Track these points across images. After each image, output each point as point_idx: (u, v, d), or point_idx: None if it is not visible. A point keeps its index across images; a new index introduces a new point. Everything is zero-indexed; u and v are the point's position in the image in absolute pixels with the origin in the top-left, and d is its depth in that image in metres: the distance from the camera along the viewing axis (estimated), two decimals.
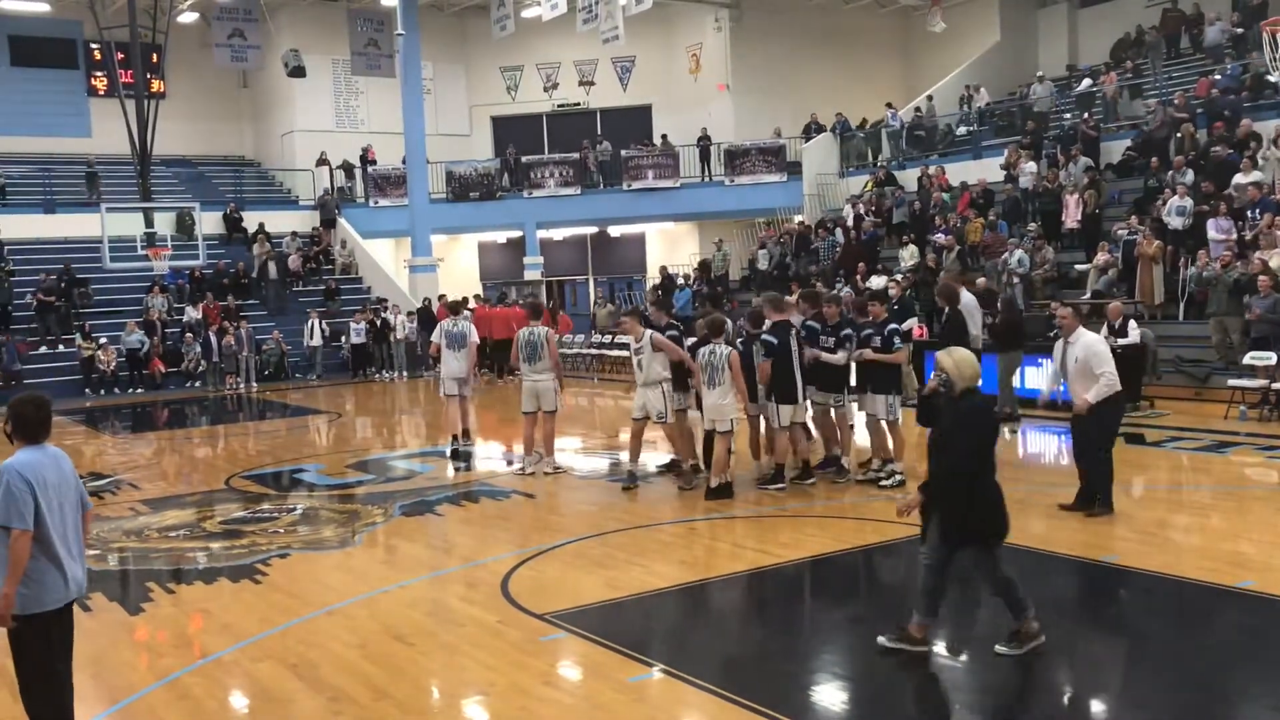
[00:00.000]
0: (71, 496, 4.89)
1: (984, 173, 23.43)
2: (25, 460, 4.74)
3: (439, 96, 32.06)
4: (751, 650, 6.63)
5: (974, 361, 6.02)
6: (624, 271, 33.51)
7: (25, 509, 4.60)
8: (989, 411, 6.12)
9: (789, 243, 25.47)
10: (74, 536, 4.87)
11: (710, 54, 31.34)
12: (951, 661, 6.30)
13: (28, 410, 4.85)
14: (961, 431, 5.86)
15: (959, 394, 5.92)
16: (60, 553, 4.74)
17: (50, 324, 23.93)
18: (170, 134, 27.59)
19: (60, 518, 4.78)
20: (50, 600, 4.74)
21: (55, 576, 4.73)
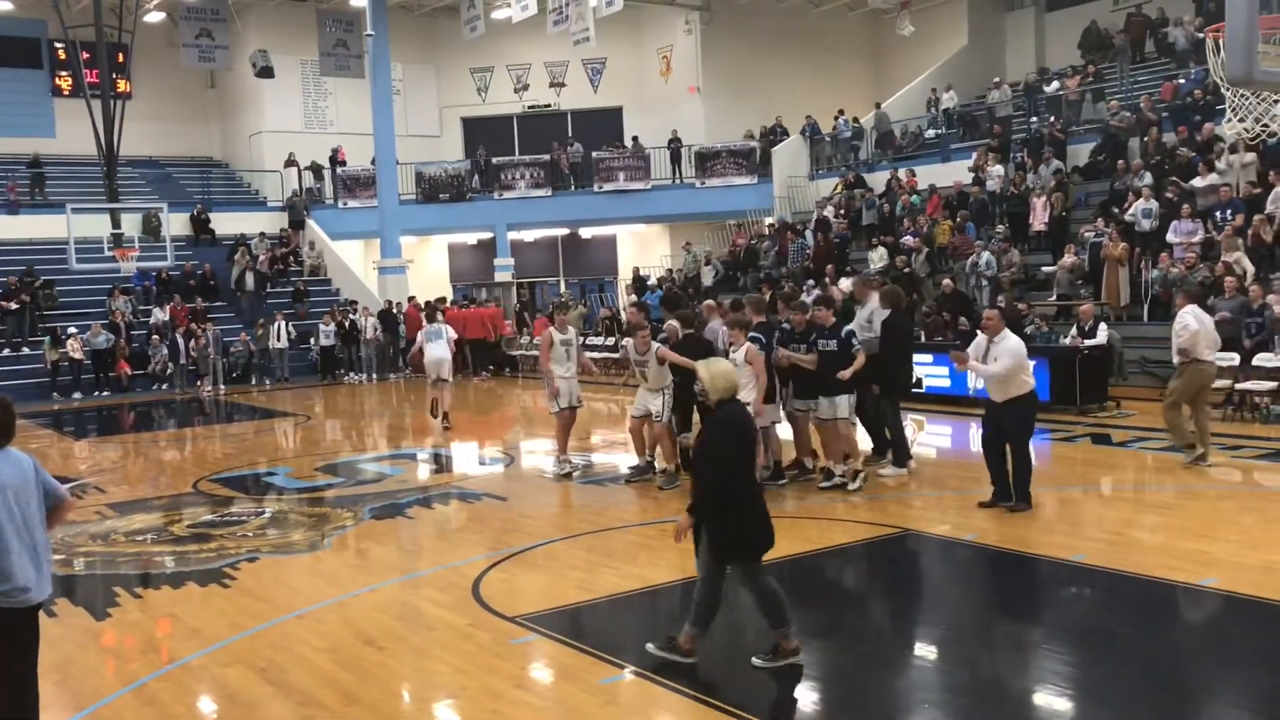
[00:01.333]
0: (33, 499, 4.82)
1: (953, 175, 23.61)
2: None
3: (409, 97, 31.95)
4: (722, 652, 6.65)
5: (729, 372, 5.98)
6: (595, 273, 33.52)
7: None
8: (742, 422, 5.97)
9: (738, 253, 25.61)
10: (37, 539, 4.81)
11: (681, 56, 31.41)
12: (923, 662, 6.35)
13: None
14: (718, 444, 5.82)
15: (714, 405, 5.91)
16: (15, 556, 4.67)
17: (15, 326, 23.65)
18: (137, 134, 27.36)
19: (19, 520, 4.71)
20: (2, 601, 4.67)
21: (13, 578, 4.66)
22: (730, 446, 5.79)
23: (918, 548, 8.70)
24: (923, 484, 10.21)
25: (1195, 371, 10.72)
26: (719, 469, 5.76)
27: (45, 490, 4.91)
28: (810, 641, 6.78)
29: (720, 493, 5.73)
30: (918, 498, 9.86)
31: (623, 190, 29.47)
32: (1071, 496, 10.10)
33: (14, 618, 4.70)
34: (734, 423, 5.88)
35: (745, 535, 5.84)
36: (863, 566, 8.49)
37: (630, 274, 28.00)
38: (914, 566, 8.54)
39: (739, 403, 6.06)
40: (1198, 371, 10.73)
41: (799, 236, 24.47)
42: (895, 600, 7.68)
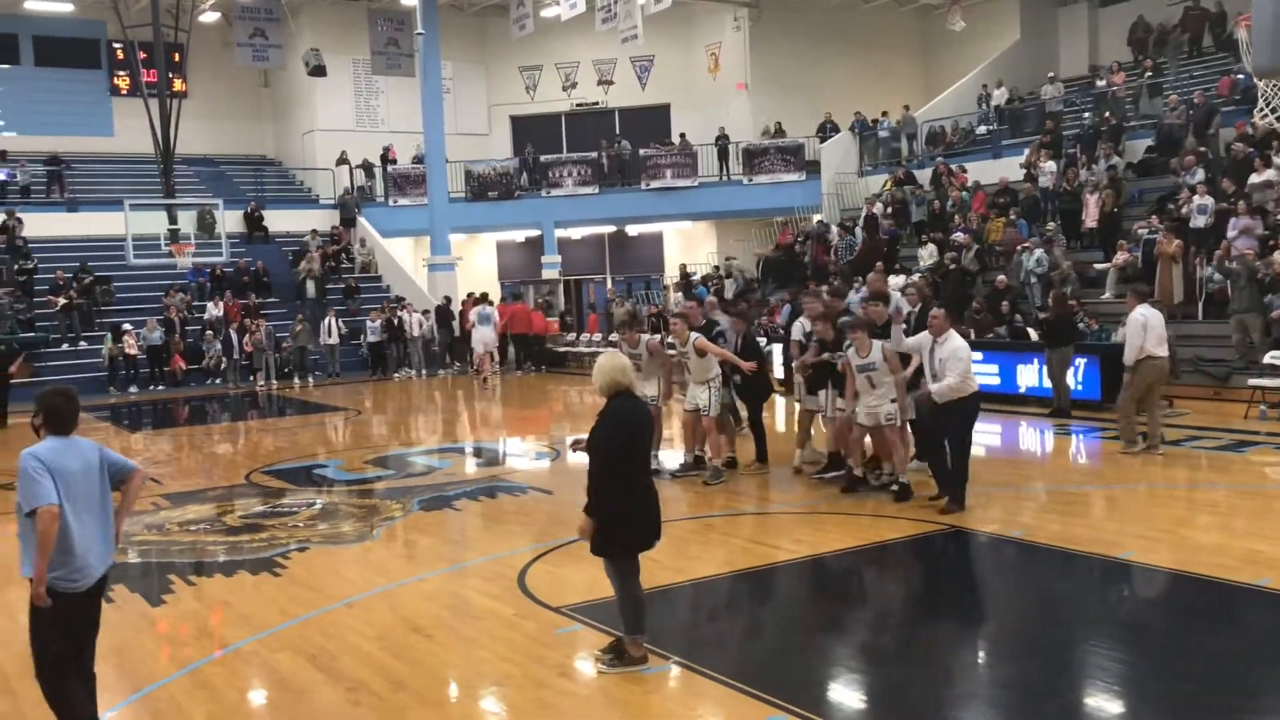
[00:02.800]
0: (95, 488, 4.91)
1: (1003, 172, 23.36)
2: (46, 448, 4.83)
3: (458, 96, 32.19)
4: (767, 644, 6.67)
5: (608, 368, 5.86)
6: (642, 270, 33.55)
7: (45, 489, 4.67)
8: (626, 415, 5.86)
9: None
10: (96, 526, 4.90)
11: (729, 53, 31.35)
12: (966, 658, 6.31)
13: (57, 402, 4.96)
14: (601, 436, 5.78)
15: (605, 399, 5.88)
16: (76, 541, 4.78)
17: (73, 322, 24.15)
18: (192, 133, 27.80)
19: (79, 506, 4.81)
20: (64, 584, 4.78)
21: (72, 562, 4.78)
22: (615, 437, 5.76)
23: (964, 544, 8.64)
24: (972, 481, 10.11)
25: (1148, 367, 11.47)
26: (602, 458, 5.75)
27: (113, 468, 5.02)
28: (854, 634, 6.78)
29: (601, 479, 5.72)
30: (969, 494, 9.78)
31: (670, 187, 29.48)
32: (1121, 495, 9.99)
33: (71, 601, 4.82)
34: (617, 416, 5.82)
35: (625, 528, 5.80)
36: (909, 562, 8.45)
37: (677, 271, 28.02)
38: (960, 563, 8.49)
39: (628, 396, 5.94)
40: (1150, 367, 11.48)
41: (848, 234, 24.34)
42: (940, 596, 7.65)
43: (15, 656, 6.60)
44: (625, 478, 5.80)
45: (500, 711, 5.63)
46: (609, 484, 5.74)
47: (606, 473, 5.74)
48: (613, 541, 5.83)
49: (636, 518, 5.84)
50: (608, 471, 5.75)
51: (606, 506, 5.74)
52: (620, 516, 5.78)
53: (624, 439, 5.81)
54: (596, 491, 5.76)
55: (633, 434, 5.86)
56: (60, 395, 5.01)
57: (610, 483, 5.74)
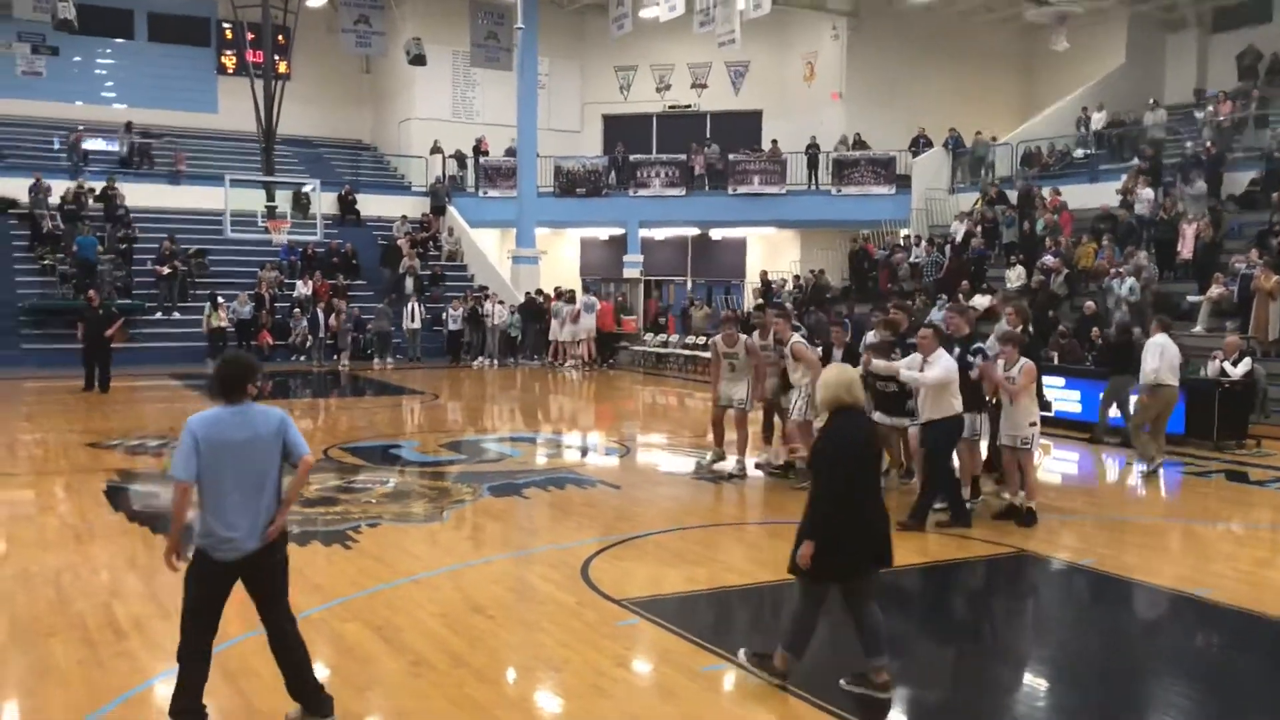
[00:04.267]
0: (257, 461, 4.89)
1: (1099, 196, 22.91)
2: (205, 417, 4.86)
3: (553, 92, 32.48)
4: (825, 650, 6.65)
5: (834, 383, 5.58)
6: (722, 275, 33.55)
7: (185, 462, 4.74)
8: (851, 433, 5.53)
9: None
10: (250, 499, 4.88)
11: (825, 62, 31.18)
12: (1023, 682, 6.24)
13: (225, 369, 5.00)
14: (823, 456, 5.51)
15: (828, 416, 5.63)
16: (226, 511, 4.82)
17: (170, 291, 24.86)
18: (292, 114, 28.43)
19: (233, 477, 4.82)
20: (213, 551, 4.85)
21: (219, 531, 4.82)
22: (839, 458, 5.46)
23: (1034, 569, 8.52)
24: (1047, 508, 9.97)
25: (1159, 392, 12.15)
26: (826, 477, 5.48)
27: (288, 446, 5.00)
28: (914, 651, 6.74)
29: (826, 500, 5.44)
30: (1040, 520, 9.64)
31: (757, 193, 29.41)
32: (1201, 531, 9.76)
33: (218, 568, 4.88)
34: (842, 435, 5.53)
35: (831, 556, 5.42)
36: (975, 583, 8.36)
37: (758, 277, 27.96)
38: (1028, 587, 8.37)
39: (855, 414, 5.66)
40: (1160, 392, 12.15)
41: (935, 249, 24.09)
42: (1003, 619, 7.56)
43: (98, 607, 6.86)
44: (847, 501, 5.41)
45: (556, 695, 5.70)
46: (829, 506, 5.39)
47: (828, 494, 5.41)
48: (822, 566, 5.43)
49: (853, 544, 5.46)
50: (829, 493, 5.41)
51: (824, 529, 5.38)
52: (836, 541, 5.39)
53: (848, 459, 5.45)
54: (816, 513, 5.43)
55: (857, 453, 5.50)
56: (234, 363, 5.06)
57: (831, 505, 5.39)
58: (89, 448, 12.90)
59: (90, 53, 31.02)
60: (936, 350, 9.09)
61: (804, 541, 5.44)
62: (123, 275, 24.83)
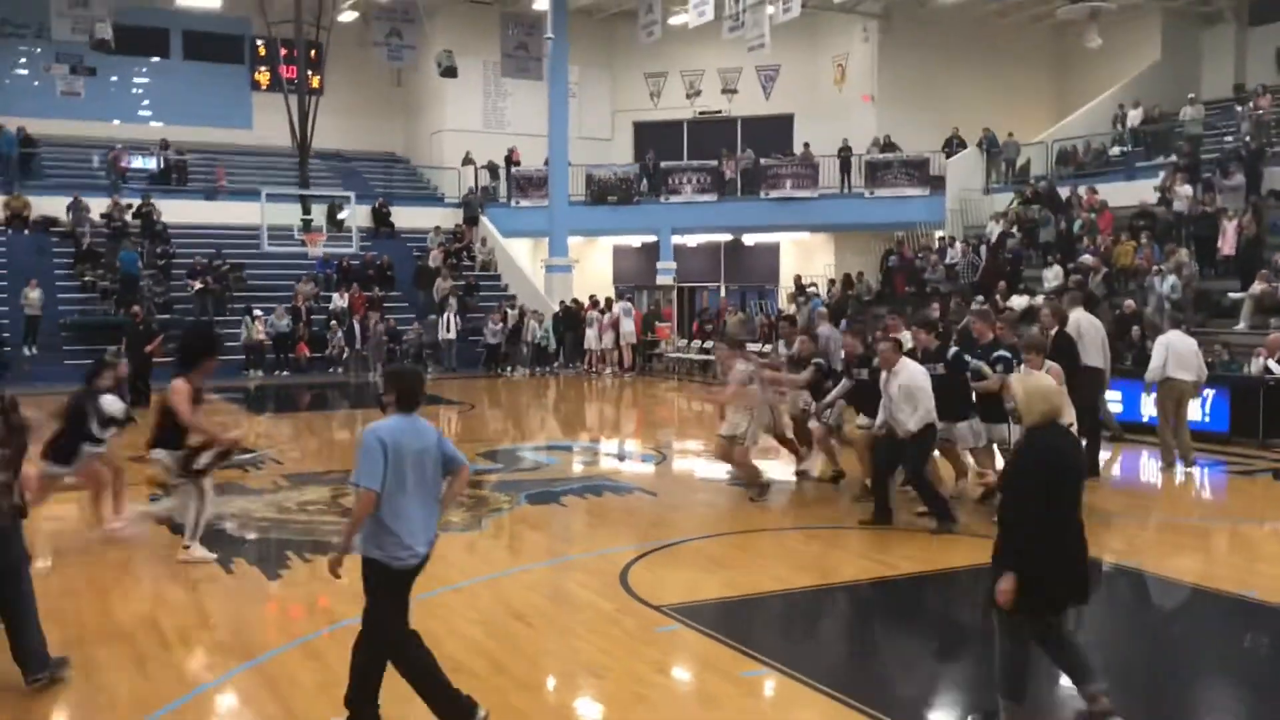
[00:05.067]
0: (428, 470, 5.04)
1: (1137, 194, 22.64)
2: (389, 426, 4.99)
3: (583, 100, 32.54)
4: (867, 656, 6.61)
5: (1038, 393, 5.03)
6: (756, 280, 33.46)
7: (373, 470, 4.84)
8: (1055, 448, 4.98)
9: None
10: (424, 507, 5.04)
11: (856, 64, 31.06)
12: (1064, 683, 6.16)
13: (407, 382, 5.16)
14: (1024, 475, 4.97)
15: (1027, 429, 5.09)
16: (407, 519, 4.95)
17: (206, 305, 25.13)
18: (325, 128, 28.61)
19: (411, 485, 4.96)
20: (394, 561, 4.96)
21: (394, 540, 4.94)
22: (1041, 475, 4.88)
23: None
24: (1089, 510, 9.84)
25: (1168, 387, 12.18)
26: (1026, 498, 4.87)
27: (446, 457, 5.15)
28: (959, 653, 6.67)
29: (1025, 524, 4.83)
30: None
31: (789, 198, 29.31)
32: (1247, 531, 9.60)
33: (399, 576, 5.03)
34: (1048, 451, 4.95)
35: (1038, 587, 4.84)
36: None
37: (792, 282, 27.85)
38: None
39: (1055, 427, 5.05)
40: (1170, 387, 12.17)
41: (972, 251, 23.90)
42: None
43: (143, 618, 6.93)
44: (1051, 525, 4.84)
45: (597, 702, 5.69)
46: (1032, 532, 4.82)
47: (1030, 519, 4.82)
48: (1029, 599, 4.86)
49: (1061, 572, 4.89)
50: (1031, 517, 4.82)
51: (1027, 558, 4.82)
52: (1041, 570, 4.83)
53: (1053, 479, 4.89)
54: (1017, 542, 4.85)
55: (1061, 472, 4.95)
56: (409, 376, 5.25)
57: (1033, 530, 4.82)
58: (131, 461, 13.04)
59: (127, 72, 31.45)
60: (899, 361, 9.08)
61: (1004, 575, 4.85)
62: (161, 291, 25.13)
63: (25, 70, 30.37)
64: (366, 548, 4.99)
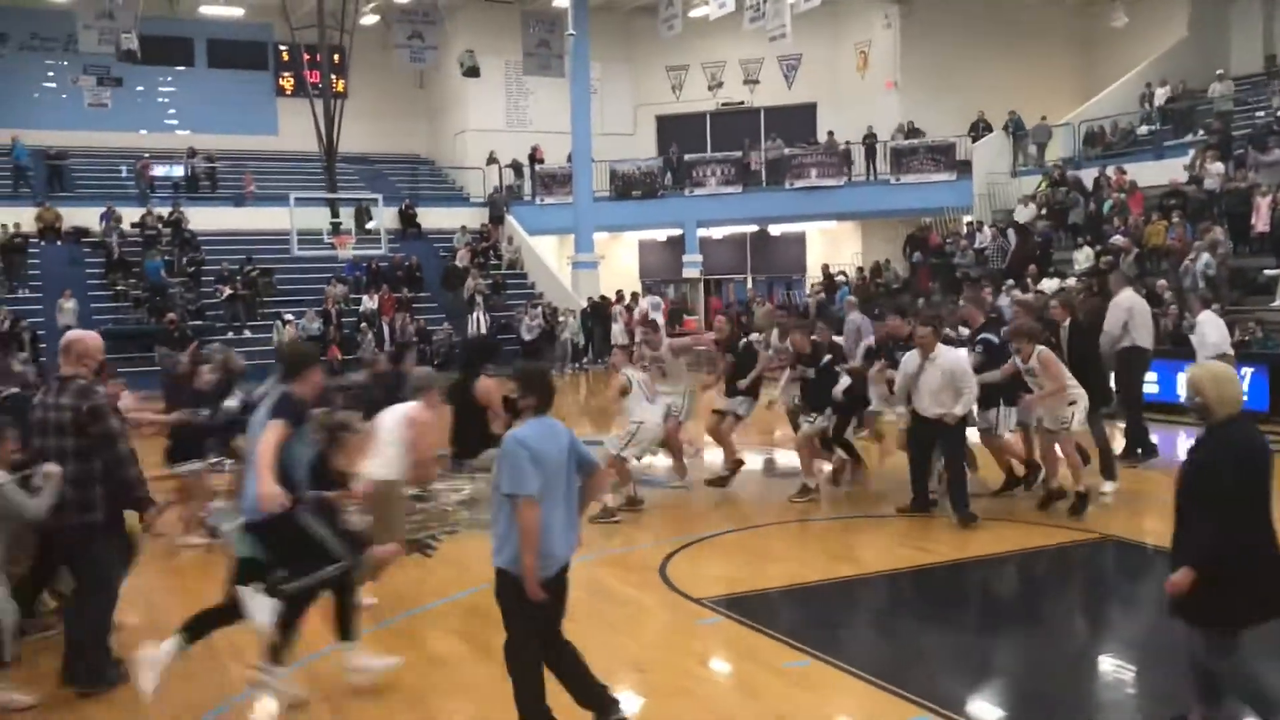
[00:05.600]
0: (564, 473, 4.87)
1: (1167, 173, 22.42)
2: (529, 432, 4.85)
3: (605, 96, 32.53)
4: (910, 644, 6.60)
5: (1225, 378, 4.64)
6: (783, 271, 33.38)
7: (528, 476, 4.67)
8: (1250, 444, 4.55)
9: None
10: (563, 513, 4.87)
11: (879, 51, 30.91)
12: (1111, 668, 6.13)
13: (544, 382, 5.00)
14: (1223, 475, 4.44)
15: (1218, 422, 4.57)
16: (545, 527, 4.74)
17: (237, 311, 25.35)
18: (350, 132, 28.82)
19: (551, 492, 4.77)
20: (539, 569, 4.77)
21: (545, 546, 4.76)
22: (1242, 471, 4.46)
23: (1117, 554, 8.37)
24: (1133, 493, 9.79)
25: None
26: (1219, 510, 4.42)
27: (581, 458, 4.98)
28: (1003, 640, 6.66)
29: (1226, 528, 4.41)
30: (1117, 503, 9.47)
31: (814, 187, 29.21)
32: None
33: (548, 587, 4.84)
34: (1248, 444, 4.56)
35: (1241, 597, 4.44)
36: (1060, 570, 8.23)
37: (820, 272, 27.78)
38: (1113, 572, 8.23)
39: (1242, 420, 4.63)
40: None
41: (1001, 235, 23.75)
42: (1091, 605, 7.43)
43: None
44: (1244, 527, 4.44)
45: (641, 695, 5.71)
46: (1233, 535, 4.40)
47: (1230, 521, 4.40)
48: (1231, 611, 4.46)
49: (1265, 579, 4.46)
50: (1231, 520, 4.40)
51: (1227, 566, 4.41)
52: (1243, 578, 4.43)
53: (1249, 477, 4.47)
54: (1217, 546, 4.41)
55: (1260, 470, 4.51)
56: (547, 375, 5.08)
57: (1234, 533, 4.40)
58: None
59: (153, 82, 31.71)
60: (936, 347, 8.95)
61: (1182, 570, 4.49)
62: (193, 298, 25.37)
63: (54, 83, 30.70)
64: (500, 558, 4.82)
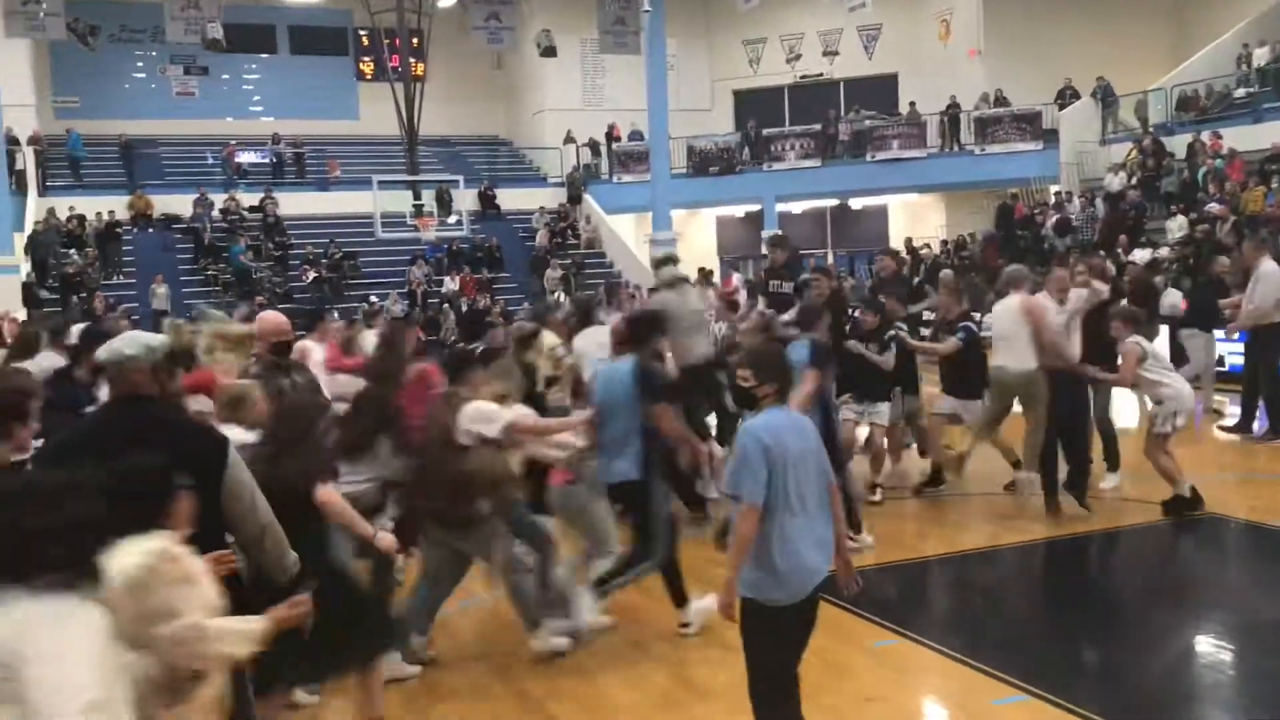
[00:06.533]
0: (813, 474, 4.11)
1: (1266, 136, 21.61)
2: (765, 422, 4.10)
3: (681, 72, 32.32)
4: (1001, 623, 6.50)
5: None
6: (865, 245, 32.94)
7: (755, 479, 3.97)
8: None
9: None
10: (812, 521, 4.10)
11: (961, 18, 30.25)
12: (1203, 648, 5.96)
13: (783, 365, 4.36)
14: None
15: None
16: (788, 541, 4.01)
17: (324, 294, 25.79)
18: (429, 114, 29.04)
19: (796, 493, 4.04)
20: (777, 590, 4.04)
21: (779, 567, 4.01)
22: None
23: (1220, 532, 8.13)
24: (1222, 469, 9.50)
25: None
26: None
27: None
28: (1096, 618, 6.51)
29: None
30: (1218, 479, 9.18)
31: (896, 159, 28.75)
32: None
33: (781, 613, 4.07)
34: None
35: None
36: (1153, 548, 8.03)
37: (903, 245, 27.35)
38: (1215, 551, 8.00)
39: None
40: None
41: (1090, 204, 23.17)
42: (1186, 583, 7.25)
43: None
44: None
45: (728, 676, 5.69)
46: None
47: None
48: None
49: None
50: None
51: None
52: None
53: None
54: None
55: None
56: (784, 356, 4.45)
57: None
58: None
59: (237, 69, 32.34)
60: None
61: None
62: (280, 281, 25.89)
63: (143, 74, 31.49)
64: (747, 582, 4.09)
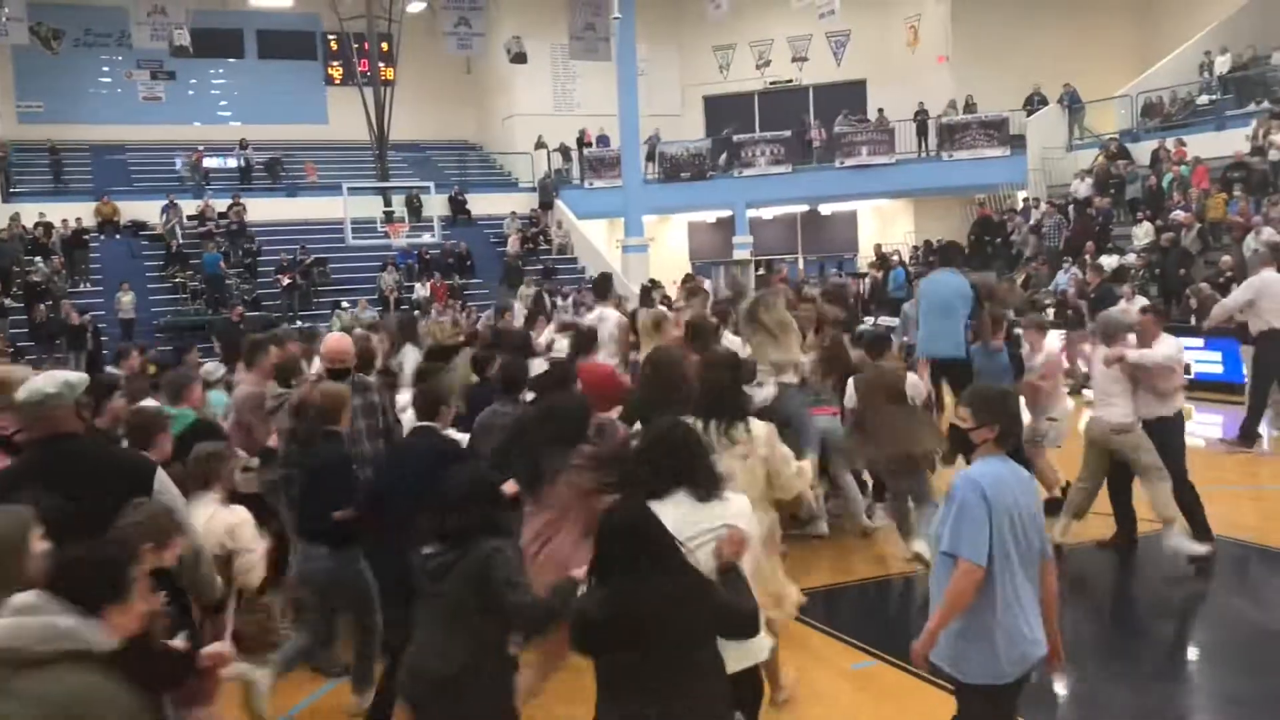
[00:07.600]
0: (1035, 532, 3.70)
1: (1228, 144, 21.89)
2: (987, 472, 3.67)
3: (652, 78, 32.31)
4: None
5: None
6: (835, 250, 33.11)
7: (977, 537, 3.55)
8: None
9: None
10: (1034, 587, 3.71)
11: (930, 25, 30.44)
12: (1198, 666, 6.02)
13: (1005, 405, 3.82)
14: None
15: None
16: (1016, 612, 3.61)
17: (293, 301, 25.63)
18: (399, 119, 28.93)
19: (1022, 558, 3.64)
20: (993, 668, 3.62)
21: (1001, 639, 3.60)
22: None
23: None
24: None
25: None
26: None
27: None
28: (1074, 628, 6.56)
29: None
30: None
31: (865, 165, 28.89)
32: None
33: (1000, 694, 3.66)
34: None
35: None
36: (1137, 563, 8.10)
37: (871, 251, 27.51)
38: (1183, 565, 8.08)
39: None
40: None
41: (1059, 211, 23.36)
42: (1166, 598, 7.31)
43: None
44: None
45: None
46: None
47: None
48: None
49: None
50: None
51: None
52: None
53: None
54: None
55: None
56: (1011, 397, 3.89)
57: None
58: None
59: (205, 74, 32.03)
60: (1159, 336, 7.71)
61: None
62: (250, 289, 25.68)
63: (109, 78, 31.14)
64: (948, 656, 3.65)
